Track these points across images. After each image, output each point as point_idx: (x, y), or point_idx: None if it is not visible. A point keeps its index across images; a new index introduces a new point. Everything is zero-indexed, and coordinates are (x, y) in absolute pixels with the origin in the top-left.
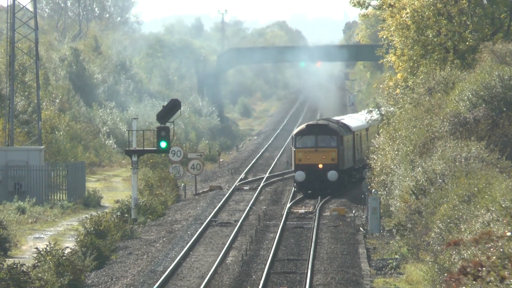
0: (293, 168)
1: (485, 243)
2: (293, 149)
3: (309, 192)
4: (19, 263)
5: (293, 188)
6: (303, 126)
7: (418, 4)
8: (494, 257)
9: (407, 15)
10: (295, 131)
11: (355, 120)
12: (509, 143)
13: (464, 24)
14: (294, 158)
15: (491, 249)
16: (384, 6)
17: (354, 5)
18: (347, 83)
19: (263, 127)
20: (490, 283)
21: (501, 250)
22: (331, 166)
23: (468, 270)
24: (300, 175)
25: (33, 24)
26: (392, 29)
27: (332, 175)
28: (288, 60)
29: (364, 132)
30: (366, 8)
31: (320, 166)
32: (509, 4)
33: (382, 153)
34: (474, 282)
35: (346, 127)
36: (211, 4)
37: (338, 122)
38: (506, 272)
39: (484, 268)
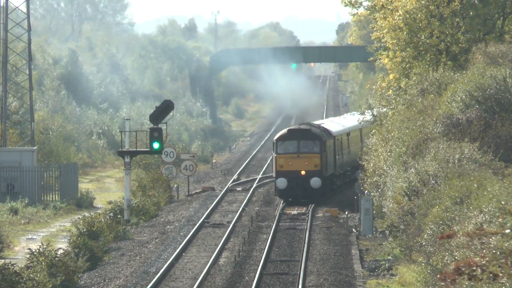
0: (274, 175)
1: (478, 238)
2: (274, 155)
3: (290, 199)
4: (10, 263)
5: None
6: (284, 130)
7: (411, 6)
8: (489, 255)
9: (400, 17)
10: (276, 136)
11: (335, 124)
12: (502, 144)
13: (456, 26)
14: (275, 164)
15: (485, 247)
16: (377, 7)
17: (346, 5)
18: (340, 84)
19: (256, 128)
20: (482, 281)
21: (493, 247)
22: (314, 173)
23: (463, 269)
24: (281, 182)
25: (26, 25)
26: (384, 31)
27: (315, 182)
28: (280, 61)
29: (345, 137)
30: (358, 8)
31: (303, 172)
32: (501, 5)
33: (374, 154)
34: (468, 281)
35: (327, 132)
36: (204, 6)
37: (319, 126)
38: (499, 269)
39: (478, 267)
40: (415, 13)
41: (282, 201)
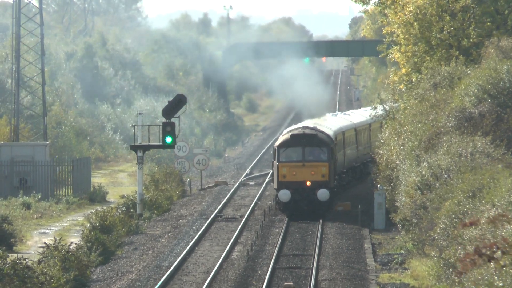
0: (275, 186)
1: (501, 224)
2: (276, 163)
3: (296, 214)
4: (22, 257)
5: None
6: (287, 136)
7: (421, 1)
8: (510, 239)
9: (410, 13)
10: (278, 142)
11: (323, 127)
12: None
13: (467, 21)
14: (277, 174)
15: (497, 240)
16: (388, 2)
17: (356, 1)
18: (353, 78)
19: (269, 122)
20: (506, 267)
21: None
22: (321, 184)
23: (484, 251)
24: (284, 194)
25: (38, 19)
26: (395, 26)
27: (322, 194)
28: (293, 55)
29: None
30: (367, 4)
31: (308, 183)
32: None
33: (387, 148)
34: (488, 263)
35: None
36: (217, 0)
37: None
38: None
39: (499, 250)
40: (426, 8)
41: None
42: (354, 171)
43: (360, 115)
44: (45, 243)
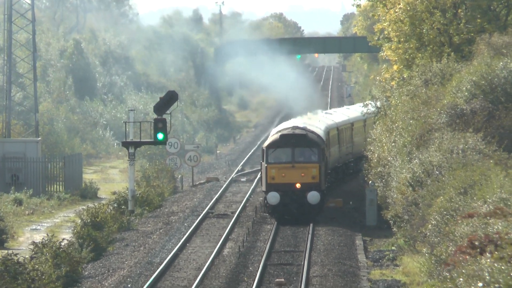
0: (264, 189)
1: (498, 218)
2: (264, 164)
3: (286, 217)
4: (13, 253)
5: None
6: (276, 136)
7: None
8: (506, 233)
9: (401, 10)
10: (266, 142)
11: (313, 127)
12: (505, 135)
13: (458, 17)
14: (265, 175)
15: (489, 237)
16: None
17: None
18: (344, 75)
19: (260, 119)
20: (503, 259)
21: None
22: (312, 186)
23: (476, 244)
24: (273, 197)
25: (30, 15)
26: (386, 24)
27: (312, 196)
28: (285, 52)
29: None
30: None
31: (298, 185)
32: None
33: (379, 144)
34: (480, 256)
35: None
36: None
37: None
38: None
39: (492, 243)
40: (416, 5)
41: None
42: (336, 172)
43: (342, 114)
44: (33, 241)
